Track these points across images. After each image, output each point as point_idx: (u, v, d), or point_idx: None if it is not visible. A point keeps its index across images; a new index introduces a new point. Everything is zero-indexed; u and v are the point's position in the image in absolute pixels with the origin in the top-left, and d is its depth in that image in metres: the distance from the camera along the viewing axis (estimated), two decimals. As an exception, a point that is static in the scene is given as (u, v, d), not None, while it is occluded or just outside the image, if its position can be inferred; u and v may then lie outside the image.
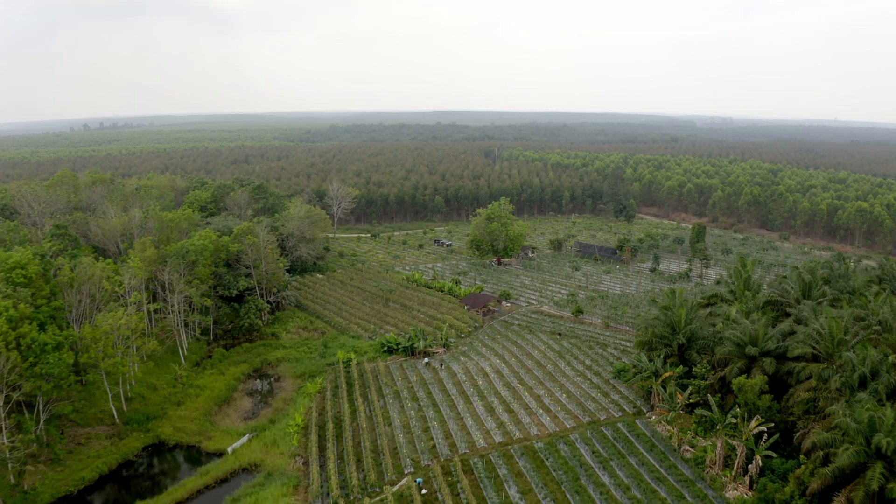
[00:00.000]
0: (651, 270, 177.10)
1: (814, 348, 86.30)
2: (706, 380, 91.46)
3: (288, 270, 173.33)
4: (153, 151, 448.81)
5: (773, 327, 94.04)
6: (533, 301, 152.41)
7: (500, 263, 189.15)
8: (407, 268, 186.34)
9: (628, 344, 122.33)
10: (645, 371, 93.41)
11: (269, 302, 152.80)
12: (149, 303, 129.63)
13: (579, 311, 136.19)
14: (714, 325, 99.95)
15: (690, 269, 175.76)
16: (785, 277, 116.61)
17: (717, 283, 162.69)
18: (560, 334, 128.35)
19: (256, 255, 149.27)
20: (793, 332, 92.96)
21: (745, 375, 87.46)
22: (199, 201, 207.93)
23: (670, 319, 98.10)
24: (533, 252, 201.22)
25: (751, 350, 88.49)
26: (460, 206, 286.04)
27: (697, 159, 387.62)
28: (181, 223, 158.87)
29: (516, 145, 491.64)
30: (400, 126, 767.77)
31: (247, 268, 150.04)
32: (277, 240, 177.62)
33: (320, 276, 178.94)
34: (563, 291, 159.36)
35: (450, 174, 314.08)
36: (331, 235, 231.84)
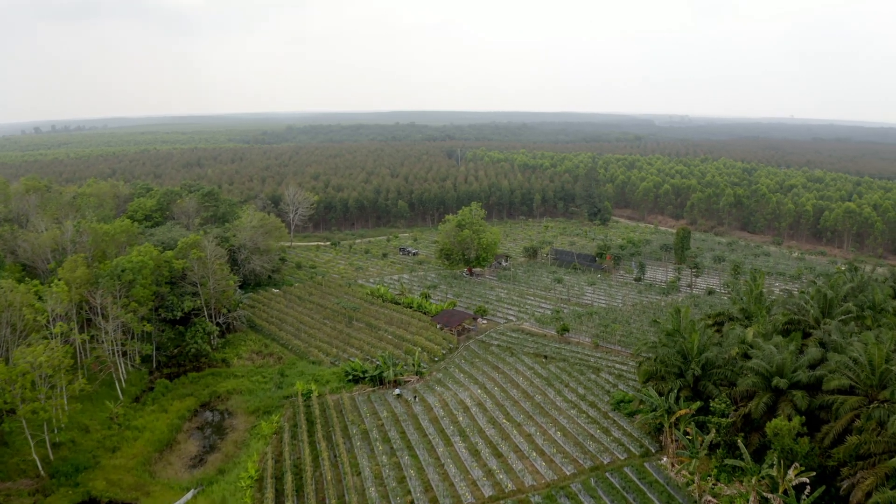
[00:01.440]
0: (636, 280, 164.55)
1: (851, 379, 74.35)
2: (727, 417, 78.72)
3: (240, 286, 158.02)
4: (101, 155, 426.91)
5: (801, 354, 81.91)
6: (511, 317, 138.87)
7: (471, 274, 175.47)
8: (371, 280, 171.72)
9: (623, 367, 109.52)
10: (657, 410, 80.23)
11: (218, 324, 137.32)
12: (80, 332, 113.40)
13: (565, 330, 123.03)
14: (728, 351, 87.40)
15: (679, 279, 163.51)
16: (803, 293, 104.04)
17: (710, 293, 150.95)
18: (546, 357, 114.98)
19: (203, 271, 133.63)
20: (823, 360, 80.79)
21: (771, 411, 75.53)
22: (144, 210, 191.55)
23: (681, 346, 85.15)
24: (506, 261, 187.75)
25: (779, 382, 76.14)
26: (425, 210, 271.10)
27: (668, 159, 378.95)
28: (119, 236, 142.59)
29: (479, 145, 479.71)
30: (358, 126, 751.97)
31: (193, 286, 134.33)
32: (228, 252, 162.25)
33: (276, 291, 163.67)
34: (543, 305, 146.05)
35: (413, 176, 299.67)
36: (287, 245, 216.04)
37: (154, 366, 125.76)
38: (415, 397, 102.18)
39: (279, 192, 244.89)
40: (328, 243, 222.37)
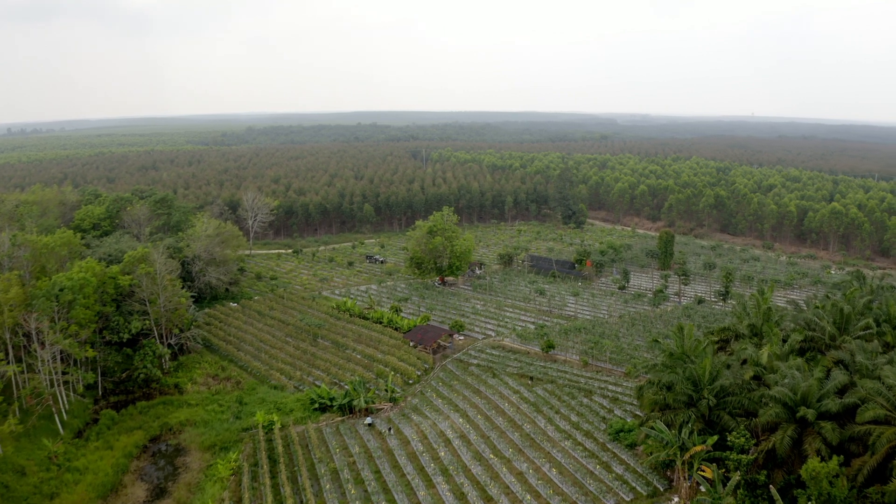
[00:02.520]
0: (620, 288, 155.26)
1: (887, 409, 65.76)
2: (747, 453, 69.50)
3: (195, 300, 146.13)
4: (54, 159, 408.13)
5: (826, 378, 73.02)
6: (490, 332, 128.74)
7: (443, 283, 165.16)
8: (336, 292, 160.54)
9: (617, 389, 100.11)
10: (670, 446, 70.61)
11: (170, 345, 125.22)
12: (8, 362, 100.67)
13: (550, 347, 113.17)
14: (742, 375, 78.25)
15: (666, 286, 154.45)
16: (818, 307, 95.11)
17: (699, 302, 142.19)
18: (531, 378, 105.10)
19: (153, 288, 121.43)
20: (851, 385, 72.04)
21: (796, 444, 66.66)
22: (91, 218, 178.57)
23: (691, 372, 75.68)
24: (480, 268, 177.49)
25: (806, 413, 67.27)
26: (392, 215, 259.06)
27: (639, 158, 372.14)
28: (59, 250, 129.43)
29: (443, 145, 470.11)
30: (319, 127, 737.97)
31: (142, 304, 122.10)
32: (181, 264, 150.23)
33: (234, 305, 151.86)
34: (523, 318, 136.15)
35: (378, 179, 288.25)
36: (247, 253, 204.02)
37: (100, 393, 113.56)
38: (389, 429, 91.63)
39: (237, 197, 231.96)
40: (290, 251, 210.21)
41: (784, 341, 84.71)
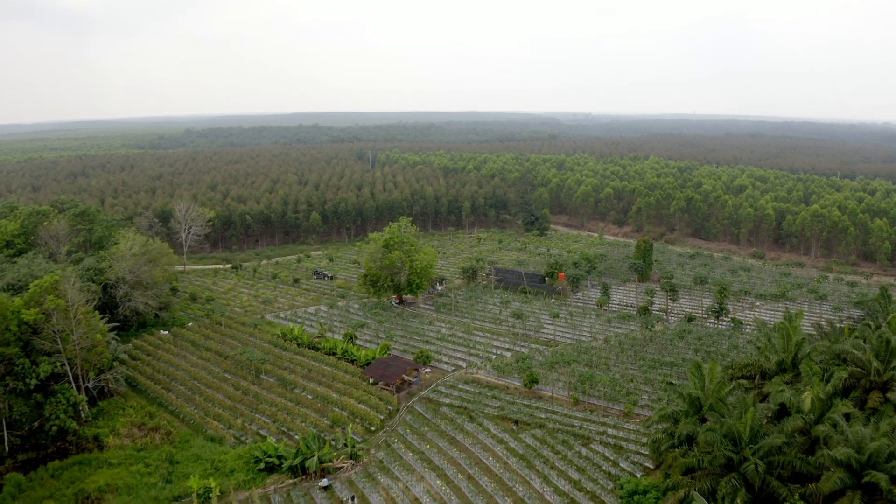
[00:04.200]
0: (599, 305, 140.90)
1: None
2: (807, 531, 55.54)
3: (120, 328, 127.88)
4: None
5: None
6: (461, 362, 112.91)
7: (401, 303, 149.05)
8: (282, 315, 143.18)
9: (617, 433, 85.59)
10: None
11: (87, 389, 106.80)
12: None
13: (533, 381, 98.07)
14: (784, 427, 64.32)
15: (651, 302, 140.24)
16: (858, 337, 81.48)
17: (690, 320, 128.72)
18: (516, 422, 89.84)
19: (65, 322, 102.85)
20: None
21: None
22: (4, 235, 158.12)
23: (729, 429, 61.46)
24: (441, 284, 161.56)
25: (876, 478, 53.82)
26: (340, 223, 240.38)
27: (596, 158, 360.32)
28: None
29: (389, 146, 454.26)
30: (260, 129, 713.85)
31: (53, 342, 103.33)
32: (103, 288, 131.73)
33: (165, 333, 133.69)
34: (496, 344, 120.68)
35: (324, 184, 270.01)
36: (181, 269, 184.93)
37: (6, 450, 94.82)
38: (352, 497, 75.36)
39: (170, 207, 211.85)
40: (228, 266, 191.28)
41: (825, 380, 71.04)
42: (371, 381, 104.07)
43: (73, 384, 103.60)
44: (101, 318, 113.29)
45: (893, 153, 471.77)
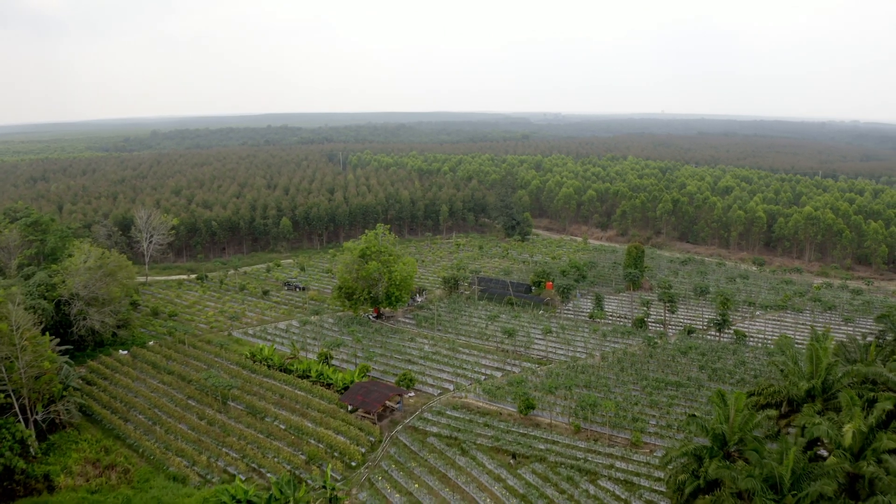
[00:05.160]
0: (591, 317, 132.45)
1: None
2: None
3: (75, 348, 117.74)
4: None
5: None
6: (447, 384, 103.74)
7: (379, 317, 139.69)
8: (250, 332, 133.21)
9: (626, 466, 77.24)
10: None
11: (36, 422, 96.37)
12: None
13: (530, 408, 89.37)
14: (825, 469, 56.29)
15: (648, 314, 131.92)
16: (895, 360, 73.90)
17: (689, 332, 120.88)
18: (514, 456, 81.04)
19: (9, 348, 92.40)
20: None
21: None
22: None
23: (770, 472, 53.41)
24: (421, 295, 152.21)
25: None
26: (312, 230, 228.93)
27: (573, 159, 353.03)
28: None
29: (360, 147, 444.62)
30: (228, 130, 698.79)
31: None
32: (56, 305, 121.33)
33: (123, 353, 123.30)
34: (484, 363, 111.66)
35: (294, 187, 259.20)
36: (142, 281, 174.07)
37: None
38: (332, 552, 66.21)
39: (132, 214, 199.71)
40: (194, 277, 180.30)
41: (864, 410, 63.16)
42: (350, 408, 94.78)
43: (20, 417, 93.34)
44: (53, 340, 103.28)
45: (868, 151, 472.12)
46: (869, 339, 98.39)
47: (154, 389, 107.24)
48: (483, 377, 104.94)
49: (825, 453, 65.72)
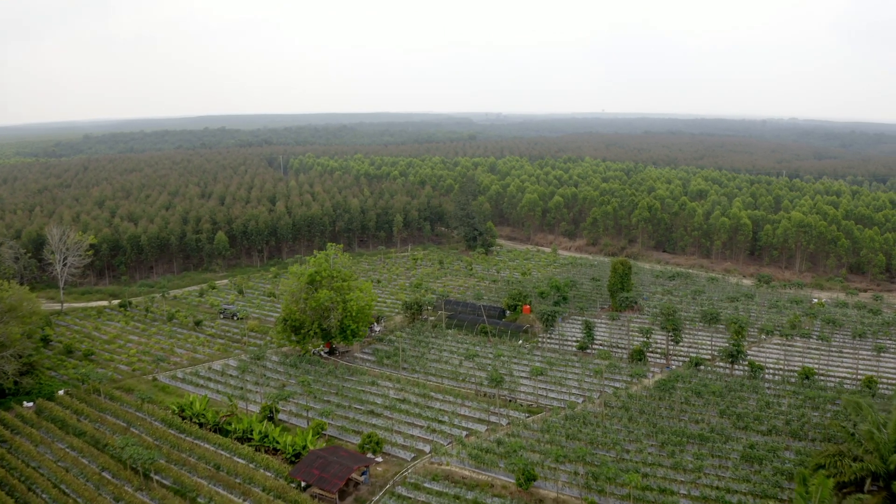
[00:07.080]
0: (581, 349, 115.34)
1: None
2: None
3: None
4: None
5: None
6: (422, 444, 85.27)
7: (331, 352, 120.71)
8: (179, 374, 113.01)
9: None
10: None
11: None
12: None
13: (531, 479, 71.60)
14: None
15: (648, 344, 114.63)
16: None
17: (697, 364, 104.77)
18: (518, 554, 63.42)
19: None
20: None
21: None
22: None
23: None
24: (379, 324, 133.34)
25: None
26: (251, 244, 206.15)
27: (528, 160, 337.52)
28: None
29: (301, 150, 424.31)
30: (163, 133, 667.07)
31: None
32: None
33: (28, 406, 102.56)
34: (464, 412, 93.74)
35: (231, 196, 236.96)
36: (56, 309, 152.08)
37: None
38: None
39: (45, 232, 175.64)
40: (116, 303, 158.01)
41: None
42: (302, 486, 75.99)
43: None
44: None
45: (819, 150, 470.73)
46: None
47: (62, 458, 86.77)
48: (464, 433, 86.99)
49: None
